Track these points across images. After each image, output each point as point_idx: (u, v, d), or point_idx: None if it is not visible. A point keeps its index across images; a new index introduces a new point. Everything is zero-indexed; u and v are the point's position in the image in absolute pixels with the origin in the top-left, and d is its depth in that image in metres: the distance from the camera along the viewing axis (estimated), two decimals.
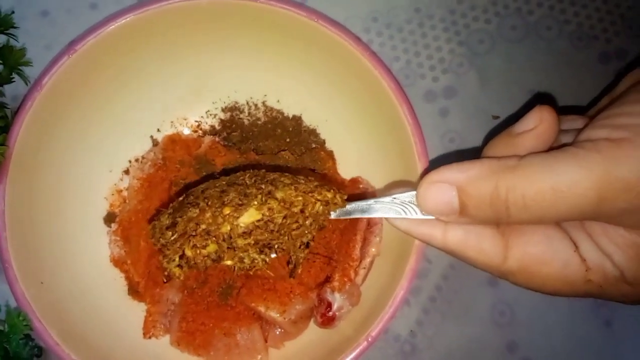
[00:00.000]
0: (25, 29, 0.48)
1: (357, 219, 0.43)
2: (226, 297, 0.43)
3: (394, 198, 0.36)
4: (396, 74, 0.49)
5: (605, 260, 0.33)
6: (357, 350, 0.39)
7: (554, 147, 0.33)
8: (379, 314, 0.39)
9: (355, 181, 0.45)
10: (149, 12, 0.42)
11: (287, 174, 0.38)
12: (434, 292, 0.48)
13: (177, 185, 0.46)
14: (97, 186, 0.47)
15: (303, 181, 0.37)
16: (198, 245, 0.36)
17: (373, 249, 0.43)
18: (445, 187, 0.32)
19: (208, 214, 0.36)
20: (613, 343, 0.48)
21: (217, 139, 0.48)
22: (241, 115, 0.49)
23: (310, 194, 0.36)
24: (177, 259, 0.36)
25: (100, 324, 0.43)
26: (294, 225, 0.36)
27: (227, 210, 0.36)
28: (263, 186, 0.36)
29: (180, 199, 0.39)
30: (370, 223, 0.43)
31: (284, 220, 0.36)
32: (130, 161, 0.48)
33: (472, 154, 0.49)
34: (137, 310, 0.45)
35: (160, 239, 0.37)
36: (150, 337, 0.44)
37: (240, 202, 0.36)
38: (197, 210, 0.36)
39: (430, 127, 0.49)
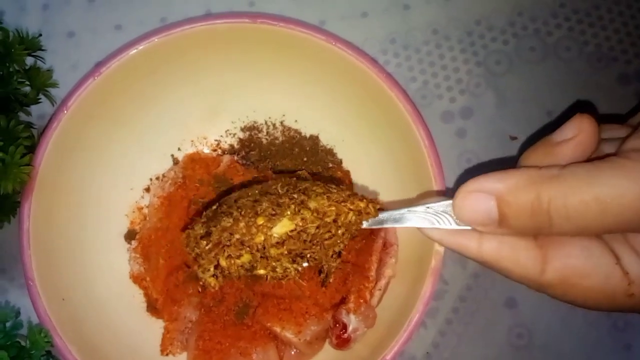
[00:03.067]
0: (52, 49, 0.50)
1: (373, 240, 0.43)
2: (242, 316, 0.43)
3: (428, 207, 0.35)
4: (413, 95, 0.50)
5: None
6: None
7: (595, 157, 0.32)
8: (394, 336, 0.39)
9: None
10: (172, 36, 0.43)
11: (319, 182, 0.38)
12: (450, 314, 0.47)
13: (196, 204, 0.46)
14: (119, 204, 0.48)
15: (335, 190, 0.37)
16: (232, 255, 0.36)
17: (389, 271, 0.43)
18: (483, 196, 0.32)
19: (242, 224, 0.36)
20: None
21: (235, 157, 0.49)
22: (259, 135, 0.50)
23: (343, 204, 0.36)
24: (212, 268, 0.36)
25: (119, 340, 0.44)
26: (327, 235, 0.36)
27: (260, 221, 0.36)
28: (295, 195, 0.36)
29: (214, 207, 0.39)
30: (386, 244, 0.43)
31: (317, 230, 0.36)
32: (151, 179, 0.49)
33: (487, 171, 0.49)
34: (155, 327, 0.45)
35: (195, 249, 0.37)
36: (167, 354, 0.44)
37: (273, 212, 0.36)
38: (231, 220, 0.36)
39: (447, 147, 0.49)
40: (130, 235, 0.47)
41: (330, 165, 0.49)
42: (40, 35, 0.48)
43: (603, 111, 0.49)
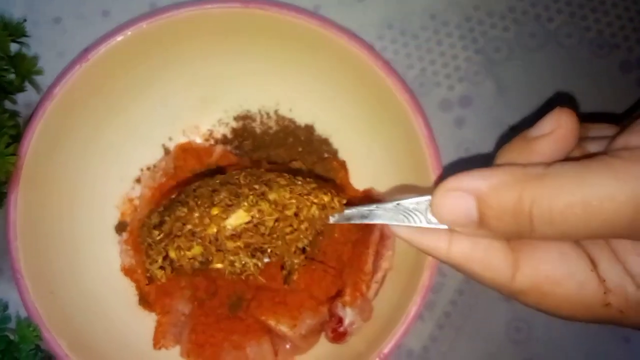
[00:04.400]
0: (37, 36, 0.48)
1: (370, 232, 0.42)
2: (236, 309, 0.42)
3: (398, 204, 0.33)
4: (410, 82, 0.48)
5: (627, 282, 0.30)
6: None
7: (579, 157, 0.31)
8: (391, 329, 0.38)
9: (368, 192, 0.45)
10: (161, 21, 0.42)
11: (285, 174, 0.36)
12: (448, 307, 0.47)
13: None
14: (109, 195, 0.47)
15: (300, 183, 0.35)
16: (182, 247, 0.34)
17: (386, 263, 0.42)
18: (463, 195, 0.30)
19: (196, 214, 0.34)
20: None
21: (228, 148, 0.48)
22: (253, 124, 0.49)
23: (305, 197, 0.35)
24: (160, 260, 0.35)
25: (110, 334, 0.43)
26: (288, 229, 0.35)
27: (215, 211, 0.34)
28: (257, 186, 0.35)
29: (172, 196, 0.38)
30: (382, 236, 0.42)
31: (276, 224, 0.34)
32: (142, 170, 0.48)
33: (485, 161, 0.48)
34: (148, 321, 0.44)
35: (147, 239, 0.36)
36: (160, 348, 0.43)
37: (229, 203, 0.34)
38: (186, 209, 0.35)
39: (446, 136, 0.48)
40: (120, 227, 0.46)
41: (326, 155, 0.48)
42: (25, 20, 0.46)
43: (605, 98, 0.48)
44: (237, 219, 0.34)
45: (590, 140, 0.33)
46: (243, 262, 0.35)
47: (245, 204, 0.34)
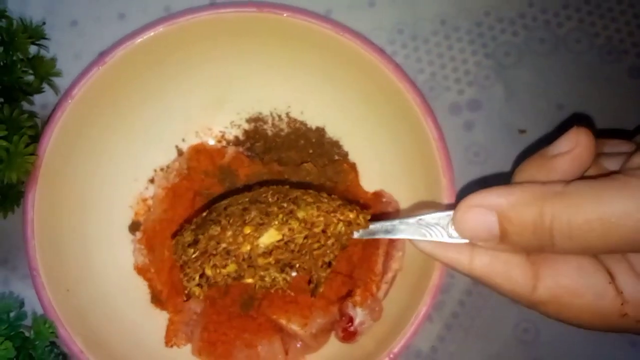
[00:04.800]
0: (55, 38, 0.49)
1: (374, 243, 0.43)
2: (248, 308, 0.43)
3: (420, 219, 0.35)
4: (420, 86, 0.49)
5: None
6: None
7: (598, 174, 0.32)
8: (401, 330, 0.39)
9: (378, 194, 0.45)
10: (177, 25, 0.42)
11: (310, 191, 0.38)
12: (456, 308, 0.47)
13: (201, 195, 0.46)
14: (123, 194, 0.47)
15: (326, 200, 0.37)
16: (218, 265, 0.36)
17: (395, 264, 0.42)
18: (485, 211, 0.31)
19: (229, 233, 0.36)
20: None
21: (240, 149, 0.48)
22: (265, 126, 0.49)
23: (332, 214, 0.36)
24: (197, 277, 0.36)
25: (123, 331, 0.44)
26: (316, 245, 0.36)
27: (247, 230, 0.36)
28: (285, 205, 0.36)
29: (204, 214, 0.39)
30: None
31: (305, 240, 0.36)
32: (155, 170, 0.48)
33: (497, 168, 0.49)
34: (160, 319, 0.45)
35: (182, 256, 0.37)
36: (172, 346, 0.44)
37: (261, 222, 0.36)
38: (219, 228, 0.36)
39: (455, 140, 0.49)
40: (134, 227, 0.47)
41: (336, 157, 0.48)
42: (44, 23, 0.47)
43: (613, 104, 0.49)
44: (269, 237, 0.36)
45: (605, 157, 0.35)
46: (273, 277, 0.37)
47: (276, 222, 0.35)
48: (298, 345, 0.42)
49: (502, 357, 0.47)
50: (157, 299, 0.45)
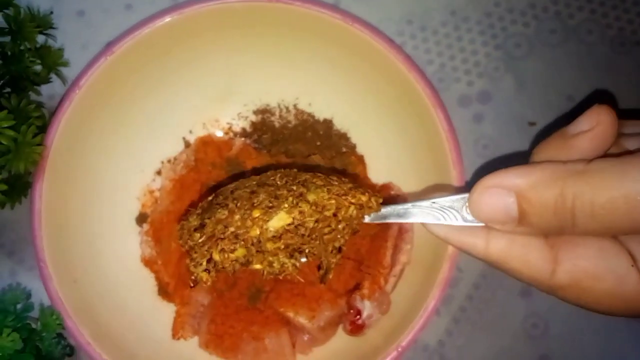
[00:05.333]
0: (62, 28, 0.49)
1: (388, 226, 0.42)
2: (255, 300, 0.43)
3: (433, 202, 0.33)
4: (430, 78, 0.48)
5: None
6: None
7: (618, 153, 0.31)
8: (409, 323, 0.39)
9: (386, 187, 0.45)
10: (185, 15, 0.42)
11: (319, 174, 0.36)
12: (464, 302, 0.47)
13: (208, 187, 0.46)
14: (130, 186, 0.47)
15: (336, 183, 0.35)
16: (226, 249, 0.34)
17: (404, 257, 0.42)
18: (502, 192, 0.30)
19: (237, 217, 0.34)
20: None
21: (248, 141, 0.48)
22: (272, 118, 0.49)
23: (343, 197, 0.34)
24: (204, 263, 0.35)
25: (130, 323, 0.44)
26: (326, 230, 0.35)
27: (256, 213, 0.34)
28: (294, 187, 0.35)
29: (210, 198, 0.38)
30: (401, 230, 0.43)
31: (316, 224, 0.34)
32: (162, 162, 0.48)
33: (507, 162, 0.48)
34: (167, 311, 0.45)
35: (188, 241, 0.36)
36: (179, 338, 0.44)
37: (270, 205, 0.34)
38: (226, 212, 0.35)
39: (464, 132, 0.48)
40: (141, 219, 0.47)
41: (344, 149, 0.48)
42: (52, 13, 0.47)
43: (625, 96, 0.48)
44: (279, 220, 0.34)
45: (626, 137, 0.33)
46: (282, 263, 0.35)
47: (286, 205, 0.34)
48: (305, 338, 0.42)
49: (510, 351, 0.46)
50: (164, 291, 0.45)
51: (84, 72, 0.41)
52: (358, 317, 0.40)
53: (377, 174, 0.47)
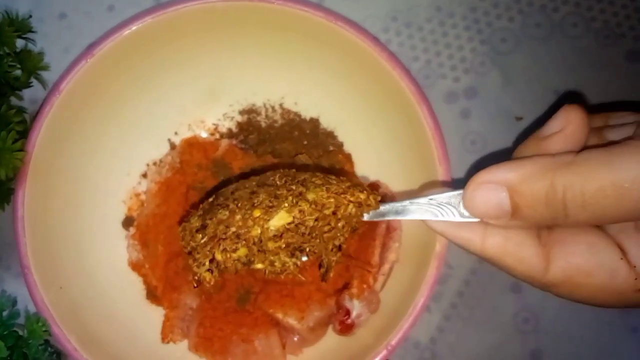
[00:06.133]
0: (43, 32, 0.48)
1: (376, 224, 0.42)
2: (244, 302, 0.42)
3: (431, 199, 0.34)
4: (416, 74, 0.48)
5: None
6: (377, 359, 0.38)
7: (600, 144, 0.31)
8: (398, 321, 0.38)
9: (374, 185, 0.45)
10: (166, 15, 0.42)
11: (318, 173, 0.37)
12: (455, 298, 0.47)
13: (195, 189, 0.45)
14: (115, 190, 0.47)
15: (335, 182, 0.36)
16: (228, 249, 0.35)
17: (392, 255, 0.42)
18: (495, 187, 0.30)
19: (238, 217, 0.35)
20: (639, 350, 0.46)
21: (234, 142, 0.48)
22: (258, 118, 0.49)
23: (342, 195, 0.35)
24: (207, 263, 0.35)
25: (119, 328, 0.43)
26: (326, 228, 0.35)
27: (257, 213, 0.35)
28: (294, 187, 0.35)
29: (210, 200, 0.38)
30: (389, 228, 0.42)
31: (316, 223, 0.35)
32: (148, 164, 0.48)
33: (495, 157, 0.48)
34: (156, 315, 0.45)
35: (190, 242, 0.36)
36: (168, 342, 0.43)
37: (270, 204, 0.35)
38: (227, 213, 0.35)
39: (451, 128, 0.48)
40: (128, 222, 0.46)
41: (331, 148, 0.48)
42: (31, 16, 0.47)
43: (611, 88, 0.48)
44: (280, 220, 0.35)
45: (609, 129, 0.34)
46: (283, 262, 0.36)
47: (286, 204, 0.34)
48: (295, 339, 0.42)
49: (502, 346, 0.46)
50: (152, 295, 0.45)
51: (64, 76, 0.41)
52: (347, 316, 0.40)
53: (364, 172, 0.47)
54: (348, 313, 0.40)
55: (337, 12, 0.42)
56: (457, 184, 0.36)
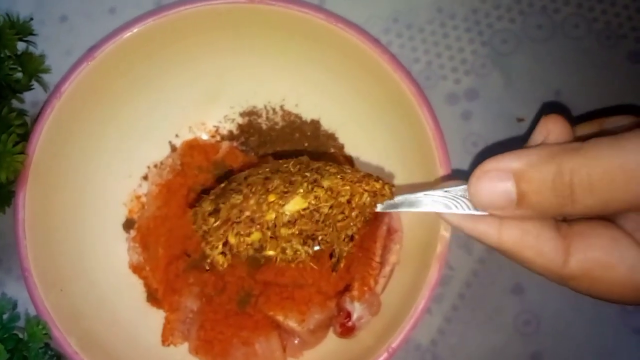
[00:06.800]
0: (44, 34, 0.48)
1: (377, 226, 0.42)
2: (244, 305, 0.42)
3: (446, 191, 0.33)
4: (417, 76, 0.48)
5: None
6: None
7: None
8: (399, 324, 0.38)
9: None
10: (167, 17, 0.42)
11: (332, 162, 0.37)
12: (456, 300, 0.46)
13: (196, 191, 0.45)
14: (116, 192, 0.47)
15: (349, 170, 0.36)
16: (242, 233, 0.35)
17: (393, 257, 0.42)
18: (500, 175, 0.30)
19: (252, 201, 0.34)
20: None
21: (235, 144, 0.48)
22: (259, 120, 0.49)
23: (357, 184, 0.35)
24: (220, 246, 0.35)
25: (119, 331, 0.43)
26: (340, 217, 0.35)
27: (272, 198, 0.34)
28: (308, 174, 0.35)
29: (222, 185, 0.38)
30: (390, 230, 0.42)
31: (330, 211, 0.34)
32: (149, 167, 0.48)
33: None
34: (156, 317, 0.44)
35: (203, 226, 0.36)
36: (169, 345, 0.43)
37: (285, 190, 0.34)
38: (241, 197, 0.35)
39: (452, 130, 0.48)
40: (128, 225, 0.46)
41: (332, 150, 0.48)
42: (32, 19, 0.47)
43: (612, 89, 0.48)
44: (295, 204, 0.34)
45: (607, 133, 0.34)
46: (295, 250, 0.35)
47: (301, 190, 0.34)
48: (296, 342, 0.42)
49: (503, 348, 0.46)
50: (152, 298, 0.45)
51: (65, 78, 0.41)
52: (348, 319, 0.40)
53: None
54: (349, 315, 0.40)
55: (338, 14, 0.42)
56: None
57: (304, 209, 0.34)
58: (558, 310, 0.46)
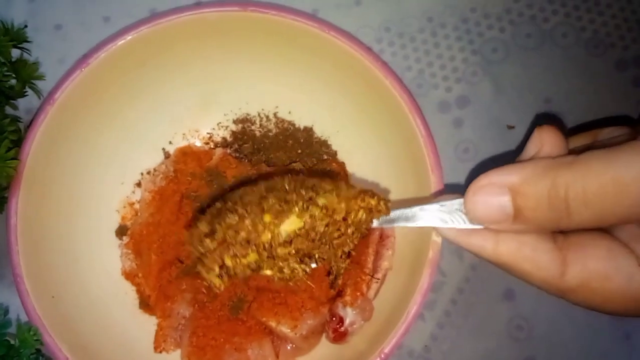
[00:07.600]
0: (39, 42, 0.49)
1: (369, 232, 0.42)
2: (237, 311, 0.42)
3: (442, 205, 0.33)
4: (408, 84, 0.49)
5: None
6: None
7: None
8: (392, 329, 0.38)
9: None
10: (160, 26, 0.42)
11: (327, 179, 0.37)
12: (449, 306, 0.47)
13: (189, 198, 0.45)
14: (109, 199, 0.47)
15: (345, 187, 0.35)
16: (238, 255, 0.34)
17: (386, 263, 0.42)
18: (496, 190, 0.30)
19: (248, 221, 0.34)
20: (633, 357, 0.46)
21: (228, 151, 0.48)
22: (252, 127, 0.49)
23: (353, 201, 0.35)
24: (217, 269, 0.35)
25: (111, 337, 0.43)
26: (336, 234, 0.35)
27: (267, 218, 0.34)
28: (303, 192, 0.35)
29: (218, 204, 0.37)
30: (382, 236, 0.43)
31: (326, 229, 0.34)
32: (142, 174, 0.48)
33: (488, 165, 0.48)
34: (148, 324, 0.44)
35: (199, 247, 0.35)
36: (161, 352, 0.43)
37: (280, 209, 0.34)
38: (237, 217, 0.34)
39: (444, 137, 0.48)
40: (121, 231, 0.46)
41: (325, 157, 0.48)
42: (26, 26, 0.47)
43: (601, 97, 0.49)
44: (291, 224, 0.34)
45: (601, 144, 0.34)
46: (292, 268, 0.35)
47: (296, 209, 0.34)
48: (289, 348, 0.42)
49: (496, 354, 0.46)
50: (145, 304, 0.45)
51: (59, 85, 0.41)
52: (341, 324, 0.40)
53: (358, 180, 0.47)
54: (341, 321, 0.40)
55: (331, 23, 0.42)
56: (452, 192, 0.36)
57: (300, 228, 0.34)
58: (550, 316, 0.46)
